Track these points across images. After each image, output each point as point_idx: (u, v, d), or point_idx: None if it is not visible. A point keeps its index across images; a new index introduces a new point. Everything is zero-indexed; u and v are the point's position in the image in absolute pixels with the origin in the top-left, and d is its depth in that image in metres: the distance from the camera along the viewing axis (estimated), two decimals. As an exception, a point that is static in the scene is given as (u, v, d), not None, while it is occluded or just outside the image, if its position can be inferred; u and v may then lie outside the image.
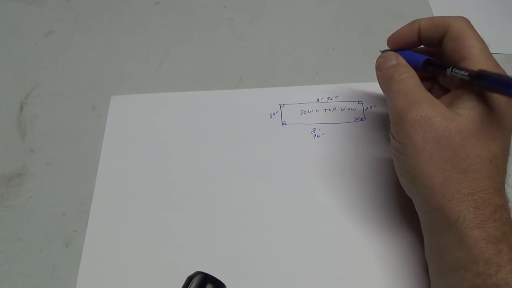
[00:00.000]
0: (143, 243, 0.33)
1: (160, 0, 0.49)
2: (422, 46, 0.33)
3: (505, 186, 0.28)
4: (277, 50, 0.45)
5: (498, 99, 0.27)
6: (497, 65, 0.29)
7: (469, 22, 0.30)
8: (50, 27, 0.47)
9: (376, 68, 0.32)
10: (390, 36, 0.33)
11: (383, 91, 0.31)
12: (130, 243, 0.33)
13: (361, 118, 0.39)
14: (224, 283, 0.27)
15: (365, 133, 0.38)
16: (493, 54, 0.43)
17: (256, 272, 0.32)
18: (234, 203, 0.35)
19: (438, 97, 0.29)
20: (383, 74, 0.31)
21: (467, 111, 0.27)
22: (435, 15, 0.47)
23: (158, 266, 0.32)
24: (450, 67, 0.28)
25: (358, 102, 0.40)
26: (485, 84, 0.27)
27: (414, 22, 0.32)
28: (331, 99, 0.40)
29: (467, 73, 0.27)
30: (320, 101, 0.40)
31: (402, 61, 0.31)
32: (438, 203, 0.27)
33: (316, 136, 0.38)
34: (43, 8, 0.48)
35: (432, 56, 0.31)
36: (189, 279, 0.26)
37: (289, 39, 0.45)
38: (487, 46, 0.29)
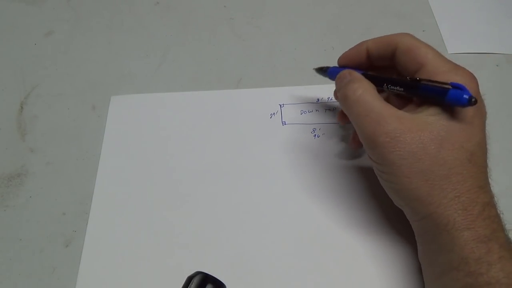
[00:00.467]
0: (143, 243, 0.33)
1: (160, 0, 0.49)
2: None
3: (490, 181, 0.28)
4: (277, 50, 0.45)
5: None
6: (455, 66, 0.29)
7: (414, 36, 0.30)
8: (50, 27, 0.47)
9: (334, 93, 0.32)
10: (340, 57, 0.33)
11: (346, 114, 0.30)
12: (130, 243, 0.33)
13: (361, 118, 0.39)
14: (224, 283, 0.27)
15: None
16: (493, 54, 0.44)
17: (256, 272, 0.32)
18: (234, 203, 0.35)
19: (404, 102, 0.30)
20: (339, 96, 0.30)
21: (436, 117, 0.27)
22: (435, 15, 0.47)
23: (158, 266, 0.32)
24: (385, 84, 0.29)
25: (358, 102, 0.40)
26: (421, 94, 0.27)
27: (361, 43, 0.32)
28: (331, 99, 0.40)
29: (402, 88, 0.28)
30: (320, 101, 0.40)
31: (356, 74, 0.30)
32: (426, 211, 0.27)
33: (316, 136, 0.38)
34: (43, 8, 0.48)
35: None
36: (189, 279, 0.26)
37: (289, 39, 0.45)
38: (438, 52, 0.29)
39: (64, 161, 0.37)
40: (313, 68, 0.37)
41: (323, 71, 0.36)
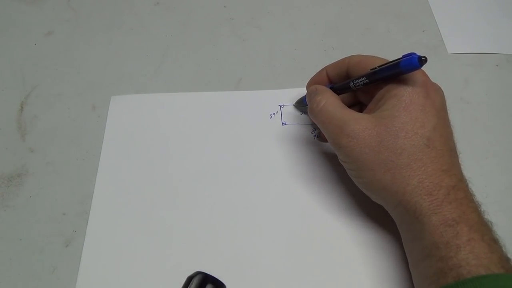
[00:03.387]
0: (143, 243, 0.33)
1: (160, 0, 0.49)
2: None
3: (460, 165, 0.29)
4: (277, 50, 0.45)
5: (413, 88, 0.29)
6: None
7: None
8: (50, 27, 0.47)
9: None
10: (307, 82, 0.37)
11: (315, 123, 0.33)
12: (130, 243, 0.33)
13: (361, 118, 0.39)
14: (224, 283, 0.27)
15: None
16: (493, 54, 0.44)
17: (256, 272, 0.32)
18: (234, 203, 0.35)
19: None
20: (308, 110, 0.33)
21: (390, 111, 0.29)
22: (435, 15, 0.47)
23: (158, 266, 0.32)
24: (350, 82, 0.32)
25: (358, 102, 0.40)
26: (381, 76, 0.29)
27: (322, 69, 0.36)
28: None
29: (364, 77, 0.31)
30: (293, 103, 0.40)
31: (320, 87, 0.33)
32: (395, 201, 0.28)
33: (316, 136, 0.38)
34: (43, 8, 0.48)
35: None
36: (189, 279, 0.26)
37: (289, 39, 0.45)
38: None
39: (64, 161, 0.37)
40: (293, 104, 0.40)
41: (300, 102, 0.39)
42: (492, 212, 0.28)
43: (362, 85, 0.31)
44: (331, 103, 0.31)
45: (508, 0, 0.48)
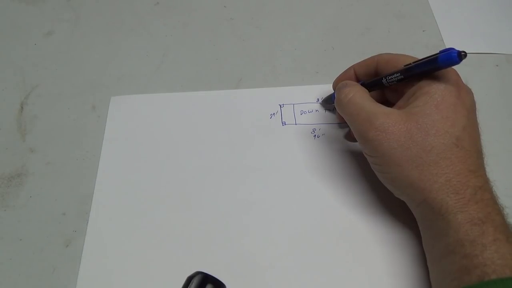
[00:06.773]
0: (143, 243, 0.33)
1: (160, 0, 0.49)
2: None
3: (485, 167, 0.29)
4: (277, 50, 0.45)
5: (446, 86, 0.29)
6: None
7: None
8: (50, 27, 0.47)
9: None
10: (333, 82, 0.37)
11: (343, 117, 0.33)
12: (130, 243, 0.33)
13: (361, 118, 0.39)
14: (224, 283, 0.27)
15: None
16: (493, 54, 0.44)
17: (256, 272, 0.32)
18: (234, 203, 0.35)
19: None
20: (335, 102, 0.34)
21: (421, 108, 0.29)
22: (435, 15, 0.47)
23: (158, 266, 0.32)
24: (383, 78, 0.32)
25: (358, 102, 0.40)
26: (417, 72, 0.29)
27: (349, 67, 0.36)
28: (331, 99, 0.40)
29: (399, 73, 0.30)
30: (320, 101, 0.40)
31: (350, 82, 0.33)
32: (420, 197, 0.28)
33: (316, 136, 0.38)
34: (43, 8, 0.48)
35: None
36: (189, 279, 0.26)
37: (289, 39, 0.45)
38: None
39: (64, 161, 0.37)
40: (320, 103, 0.40)
41: (327, 99, 0.39)
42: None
43: (395, 81, 0.31)
44: (360, 96, 0.31)
45: (508, 0, 0.48)
